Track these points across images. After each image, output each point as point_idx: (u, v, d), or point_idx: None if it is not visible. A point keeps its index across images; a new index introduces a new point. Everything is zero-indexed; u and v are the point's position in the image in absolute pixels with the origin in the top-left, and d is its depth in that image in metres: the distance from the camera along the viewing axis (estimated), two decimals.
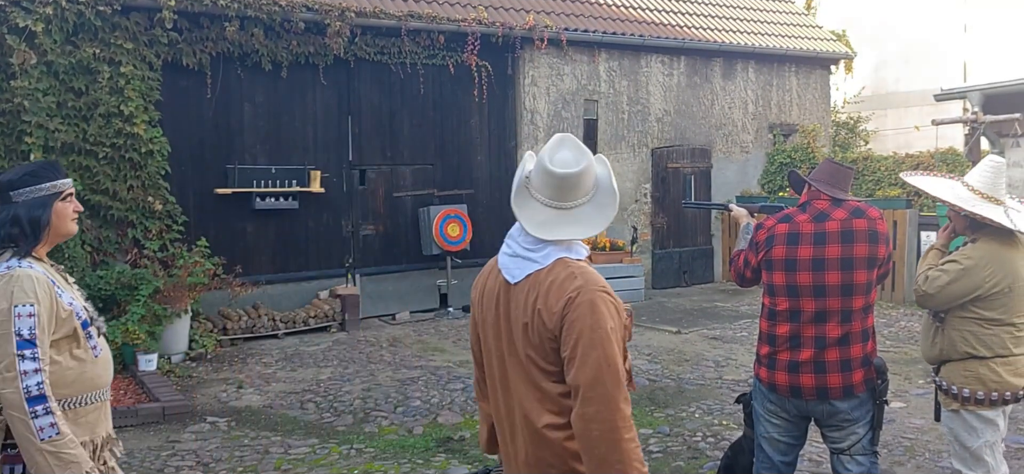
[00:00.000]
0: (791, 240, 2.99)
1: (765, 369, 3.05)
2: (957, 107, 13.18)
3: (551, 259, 1.89)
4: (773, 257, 3.02)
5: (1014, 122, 8.99)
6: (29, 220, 2.22)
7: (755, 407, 3.18)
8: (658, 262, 11.45)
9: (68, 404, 2.24)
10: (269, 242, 8.93)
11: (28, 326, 2.12)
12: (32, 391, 2.09)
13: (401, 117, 9.66)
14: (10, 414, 2.10)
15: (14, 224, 2.22)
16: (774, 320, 3.02)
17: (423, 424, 5.48)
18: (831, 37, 13.59)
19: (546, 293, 1.85)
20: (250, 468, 4.69)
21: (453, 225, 9.50)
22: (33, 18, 7.20)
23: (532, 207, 1.94)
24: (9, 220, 2.22)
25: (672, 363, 7.06)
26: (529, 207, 1.94)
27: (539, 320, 1.85)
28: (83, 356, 2.30)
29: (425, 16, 9.38)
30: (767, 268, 3.05)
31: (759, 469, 3.18)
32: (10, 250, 2.22)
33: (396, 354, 7.55)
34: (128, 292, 7.08)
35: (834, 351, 2.91)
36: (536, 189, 1.94)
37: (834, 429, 2.99)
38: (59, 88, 7.47)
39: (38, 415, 2.09)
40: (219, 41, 8.32)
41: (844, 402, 2.93)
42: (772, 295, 3.04)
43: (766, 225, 3.11)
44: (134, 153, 7.77)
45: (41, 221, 2.24)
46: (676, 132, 11.61)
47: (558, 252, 1.90)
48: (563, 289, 1.84)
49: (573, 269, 1.88)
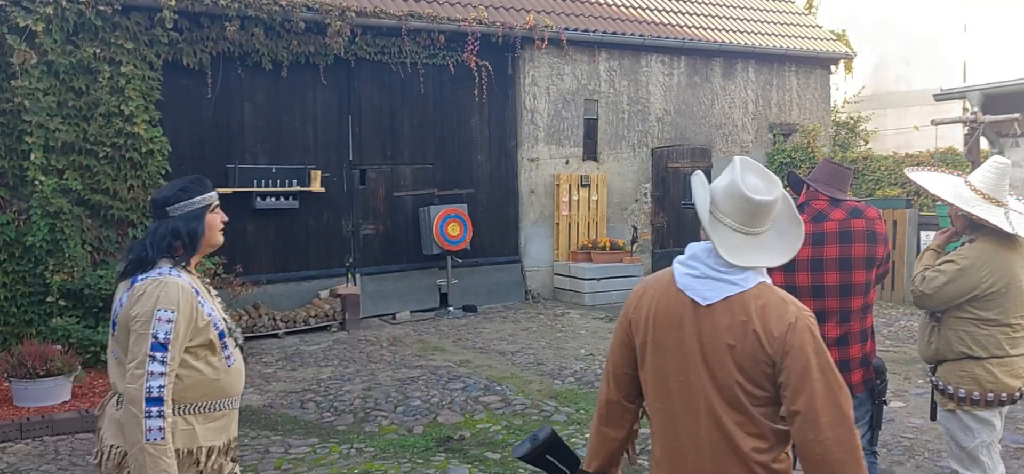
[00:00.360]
0: None
1: None
2: (957, 107, 13.19)
3: (752, 282, 1.88)
4: None
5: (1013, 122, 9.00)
6: (187, 232, 2.38)
7: None
8: (658, 261, 11.45)
9: (200, 408, 2.37)
10: (269, 242, 8.94)
11: (165, 331, 2.25)
12: (153, 392, 2.22)
13: (401, 117, 9.67)
14: (128, 407, 2.24)
15: (175, 237, 2.37)
16: None
17: (423, 424, 5.49)
18: (831, 37, 13.59)
19: (762, 316, 1.83)
20: (250, 467, 4.70)
21: (453, 224, 9.51)
22: (33, 18, 7.21)
23: (722, 232, 1.91)
24: (170, 233, 2.37)
25: None
26: (719, 231, 1.91)
27: (755, 343, 1.82)
28: (218, 365, 2.42)
29: (425, 16, 9.39)
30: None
31: None
32: (169, 260, 2.37)
33: (396, 353, 7.56)
34: None
35: (833, 351, 2.89)
36: (725, 213, 1.92)
37: None
38: (59, 88, 7.48)
39: (152, 416, 2.21)
40: (219, 41, 8.33)
41: None
42: None
43: None
44: (134, 153, 7.78)
45: (197, 233, 2.40)
46: (676, 132, 11.62)
47: (758, 276, 1.90)
48: (781, 314, 1.83)
49: (781, 294, 1.89)
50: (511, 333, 8.46)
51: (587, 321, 9.06)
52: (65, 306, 7.13)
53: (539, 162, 10.57)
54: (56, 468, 4.77)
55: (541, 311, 9.71)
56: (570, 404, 5.86)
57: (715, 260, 1.90)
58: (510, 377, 6.64)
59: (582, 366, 6.96)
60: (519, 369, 6.92)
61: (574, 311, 9.65)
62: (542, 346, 7.80)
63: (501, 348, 7.74)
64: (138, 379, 2.22)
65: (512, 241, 10.50)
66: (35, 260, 7.16)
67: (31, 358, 5.73)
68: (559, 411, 5.69)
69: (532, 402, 5.91)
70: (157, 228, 2.38)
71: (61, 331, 6.84)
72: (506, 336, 8.31)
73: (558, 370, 6.84)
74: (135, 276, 2.34)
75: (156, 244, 2.36)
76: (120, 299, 2.35)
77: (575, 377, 6.61)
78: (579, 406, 5.80)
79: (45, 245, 7.10)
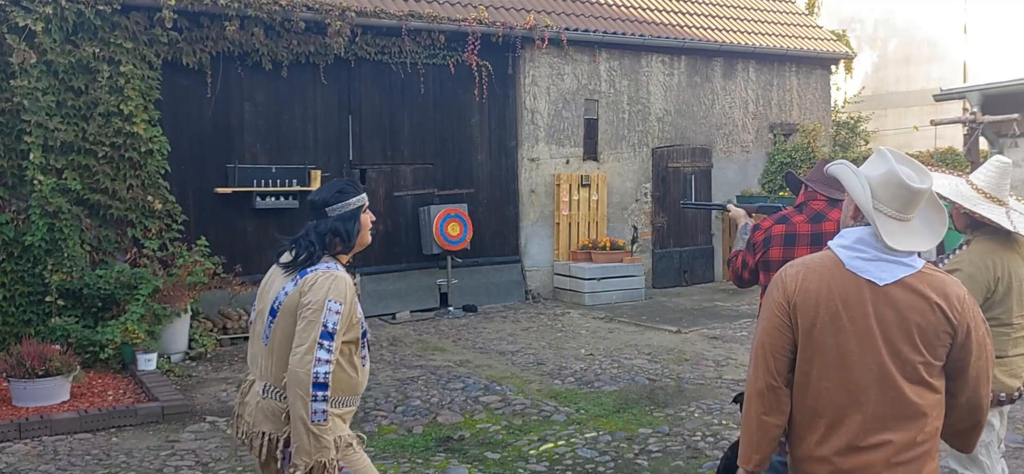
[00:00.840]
0: (788, 241, 2.99)
1: None
2: (957, 107, 13.18)
3: (920, 263, 2.05)
4: (770, 258, 3.02)
5: (1012, 122, 8.99)
6: (346, 232, 2.56)
7: None
8: (658, 261, 11.45)
9: (336, 402, 2.51)
10: (269, 241, 8.92)
11: (333, 322, 2.41)
12: (319, 377, 2.37)
13: (401, 117, 9.66)
14: (294, 389, 2.37)
15: (335, 235, 2.55)
16: None
17: (423, 423, 5.48)
18: (831, 37, 13.59)
19: (944, 294, 2.01)
20: (250, 467, 4.69)
21: (453, 224, 9.50)
22: (33, 17, 7.20)
23: (881, 219, 2.05)
24: (330, 232, 2.55)
25: (672, 362, 7.06)
26: (879, 219, 2.05)
27: (939, 317, 2.00)
28: (356, 363, 2.58)
29: (426, 16, 9.38)
30: (764, 269, 3.05)
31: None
32: (329, 256, 2.55)
33: (396, 353, 7.56)
34: (127, 291, 7.08)
35: None
36: (881, 201, 2.05)
37: None
38: (59, 87, 7.47)
39: (317, 400, 2.37)
40: (219, 40, 8.32)
41: None
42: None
43: (763, 226, 3.11)
44: (134, 152, 7.77)
45: (354, 232, 2.58)
46: (676, 132, 11.61)
47: (921, 259, 2.08)
48: (955, 290, 2.04)
49: (942, 273, 2.10)
50: (511, 333, 8.45)
51: (587, 321, 9.05)
52: (64, 306, 7.12)
53: (539, 162, 10.56)
54: (55, 468, 4.76)
55: (541, 311, 9.70)
56: (570, 404, 5.85)
57: (879, 242, 2.03)
58: (510, 377, 6.63)
59: (582, 366, 6.95)
60: (519, 369, 6.91)
61: (574, 311, 9.65)
62: (542, 346, 7.79)
63: (501, 348, 7.73)
64: (307, 364, 2.36)
65: (512, 241, 10.49)
66: (34, 260, 7.15)
67: (30, 358, 5.72)
68: (559, 411, 5.68)
69: (532, 402, 5.90)
70: (318, 226, 2.55)
71: (60, 331, 6.83)
72: (506, 336, 8.30)
73: (558, 370, 6.83)
74: (303, 269, 2.49)
75: (320, 241, 2.52)
76: (284, 288, 2.50)
77: (575, 377, 6.60)
78: (579, 406, 5.79)
79: (44, 245, 7.09)
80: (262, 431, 2.51)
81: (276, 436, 2.49)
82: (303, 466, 2.37)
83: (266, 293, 2.58)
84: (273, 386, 2.52)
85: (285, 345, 2.45)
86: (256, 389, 2.56)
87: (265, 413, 2.51)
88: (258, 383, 2.57)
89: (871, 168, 2.10)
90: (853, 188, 2.10)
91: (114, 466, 4.77)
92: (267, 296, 2.57)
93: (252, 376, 2.62)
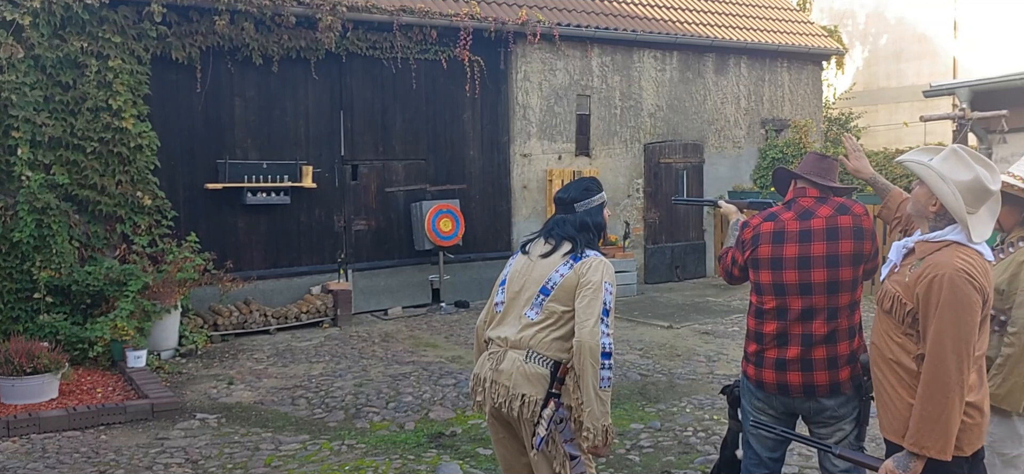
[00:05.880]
0: (777, 238, 3.00)
1: (753, 366, 3.06)
2: (946, 103, 13.24)
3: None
4: (759, 256, 3.03)
5: (1001, 118, 9.02)
6: (594, 224, 2.92)
7: (743, 403, 3.19)
8: (650, 257, 11.47)
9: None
10: (260, 237, 8.90)
11: (610, 301, 2.75)
12: (606, 347, 2.69)
13: (393, 112, 9.64)
14: (585, 358, 2.66)
15: (585, 229, 2.89)
16: (761, 318, 3.02)
17: (415, 420, 5.48)
18: (823, 33, 13.62)
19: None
20: (240, 465, 4.68)
21: (445, 220, 9.49)
22: (20, 11, 7.14)
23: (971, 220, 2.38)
24: (580, 225, 2.89)
25: (664, 358, 7.07)
26: (970, 220, 2.37)
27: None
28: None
29: (417, 11, 9.34)
30: (753, 267, 3.06)
31: (748, 465, 3.19)
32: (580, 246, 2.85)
33: (388, 349, 7.54)
34: (117, 288, 7.04)
35: (821, 349, 2.92)
36: (968, 204, 2.37)
37: (821, 426, 3.00)
38: (46, 82, 7.41)
39: (605, 367, 2.68)
40: (209, 35, 8.26)
41: (831, 399, 2.94)
42: (759, 293, 3.04)
43: (752, 223, 3.11)
44: (122, 148, 7.72)
45: (601, 224, 2.95)
46: (669, 127, 11.62)
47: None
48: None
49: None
50: None
51: None
52: (52, 303, 7.08)
53: (532, 157, 10.56)
54: (43, 466, 4.73)
55: None
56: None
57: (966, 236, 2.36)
58: None
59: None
60: None
61: None
62: None
63: None
64: (596, 335, 2.67)
65: (505, 236, 10.49)
66: (22, 256, 7.09)
67: (18, 355, 5.68)
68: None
69: None
70: (572, 219, 2.90)
71: (48, 328, 6.78)
72: None
73: None
74: (574, 255, 2.82)
75: (579, 232, 2.87)
76: (558, 270, 2.80)
77: None
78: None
79: (32, 241, 7.04)
80: (522, 393, 2.75)
81: (536, 397, 2.74)
82: (599, 431, 2.66)
83: (525, 276, 2.86)
84: (539, 354, 2.76)
85: (560, 320, 2.75)
86: (513, 356, 2.79)
87: (527, 377, 2.75)
88: (514, 352, 2.79)
89: (954, 172, 2.35)
90: (945, 196, 2.37)
91: (103, 464, 4.74)
92: (531, 278, 2.84)
93: (498, 348, 2.85)
